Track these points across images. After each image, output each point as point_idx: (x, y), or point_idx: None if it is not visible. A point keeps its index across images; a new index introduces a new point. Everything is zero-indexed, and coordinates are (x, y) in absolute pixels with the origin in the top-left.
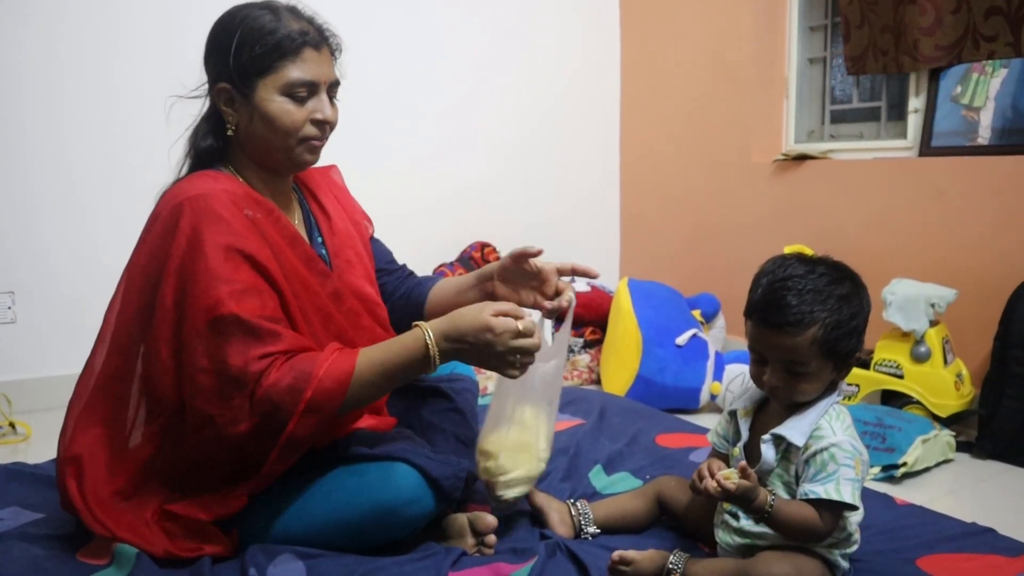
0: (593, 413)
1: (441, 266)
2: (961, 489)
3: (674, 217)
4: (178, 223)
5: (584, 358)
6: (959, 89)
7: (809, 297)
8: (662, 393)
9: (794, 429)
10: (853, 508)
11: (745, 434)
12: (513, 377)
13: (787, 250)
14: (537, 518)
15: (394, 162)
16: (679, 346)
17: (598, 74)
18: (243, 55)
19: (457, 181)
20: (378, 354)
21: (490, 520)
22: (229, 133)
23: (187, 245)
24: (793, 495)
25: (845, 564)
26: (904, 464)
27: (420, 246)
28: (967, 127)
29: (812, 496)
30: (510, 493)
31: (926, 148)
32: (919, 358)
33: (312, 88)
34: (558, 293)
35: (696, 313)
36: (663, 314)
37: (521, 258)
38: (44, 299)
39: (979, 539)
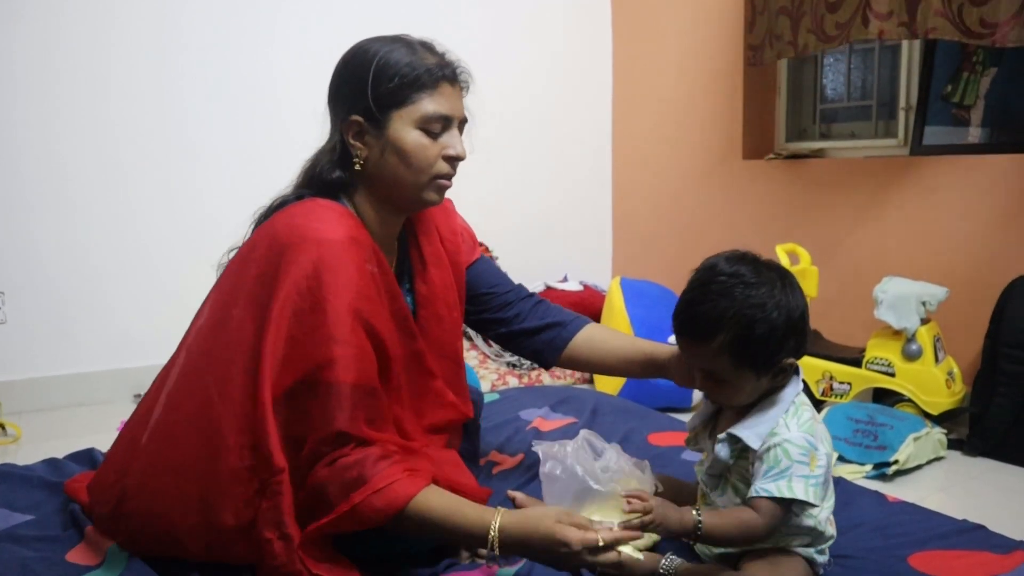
0: (585, 412)
1: None
2: (952, 486)
3: (666, 216)
4: (299, 259)
5: None
6: (949, 88)
7: (722, 304)
8: (654, 392)
9: (751, 430)
10: (810, 506)
11: (709, 451)
12: None
13: (778, 249)
14: None
15: None
16: (671, 345)
17: (590, 74)
18: (380, 87)
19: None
20: (438, 508)
21: None
22: (357, 167)
23: (307, 291)
24: None
25: (823, 558)
26: (896, 462)
27: None
28: (958, 126)
29: (764, 495)
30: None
31: (917, 147)
32: (910, 356)
33: (446, 123)
34: None
35: None
36: (655, 313)
37: None
38: (35, 299)
39: (970, 536)
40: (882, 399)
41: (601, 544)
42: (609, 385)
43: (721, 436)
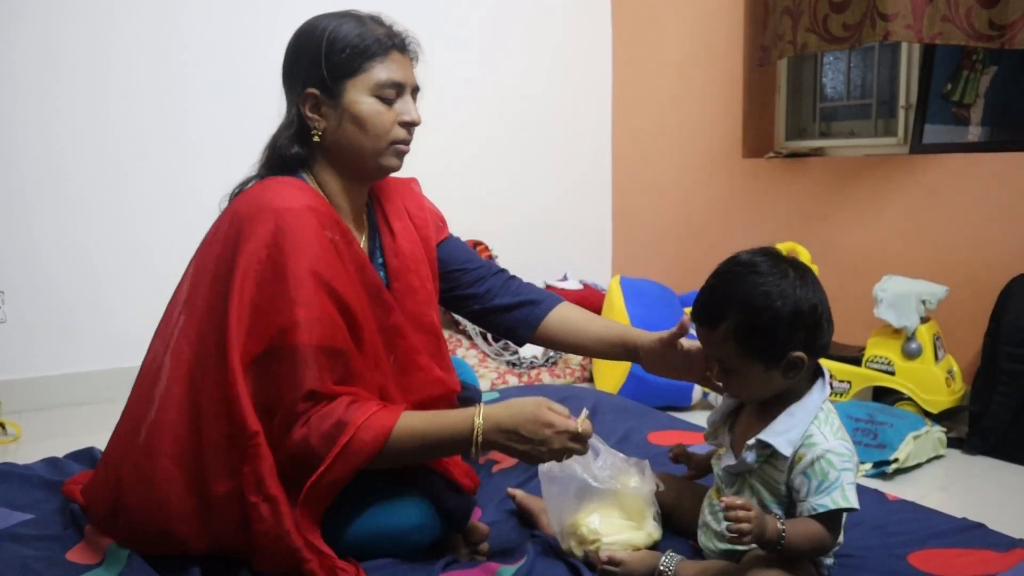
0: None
1: None
2: (952, 485)
3: (666, 215)
4: (256, 230)
5: (576, 356)
6: (949, 86)
7: (731, 291)
8: (654, 390)
9: (781, 436)
10: (854, 510)
11: (727, 446)
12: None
13: (778, 248)
14: (526, 519)
15: None
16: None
17: (590, 71)
18: (333, 58)
19: (448, 179)
20: (420, 422)
21: (483, 529)
22: (315, 139)
23: (267, 259)
24: (777, 497)
25: (828, 560)
26: (895, 460)
27: None
28: (958, 124)
29: (822, 510)
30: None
31: (917, 145)
32: (910, 355)
33: (399, 89)
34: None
35: (688, 311)
36: (655, 312)
37: (671, 340)
38: (35, 298)
39: (970, 534)
40: (882, 397)
41: (579, 430)
42: (608, 383)
43: (750, 442)
